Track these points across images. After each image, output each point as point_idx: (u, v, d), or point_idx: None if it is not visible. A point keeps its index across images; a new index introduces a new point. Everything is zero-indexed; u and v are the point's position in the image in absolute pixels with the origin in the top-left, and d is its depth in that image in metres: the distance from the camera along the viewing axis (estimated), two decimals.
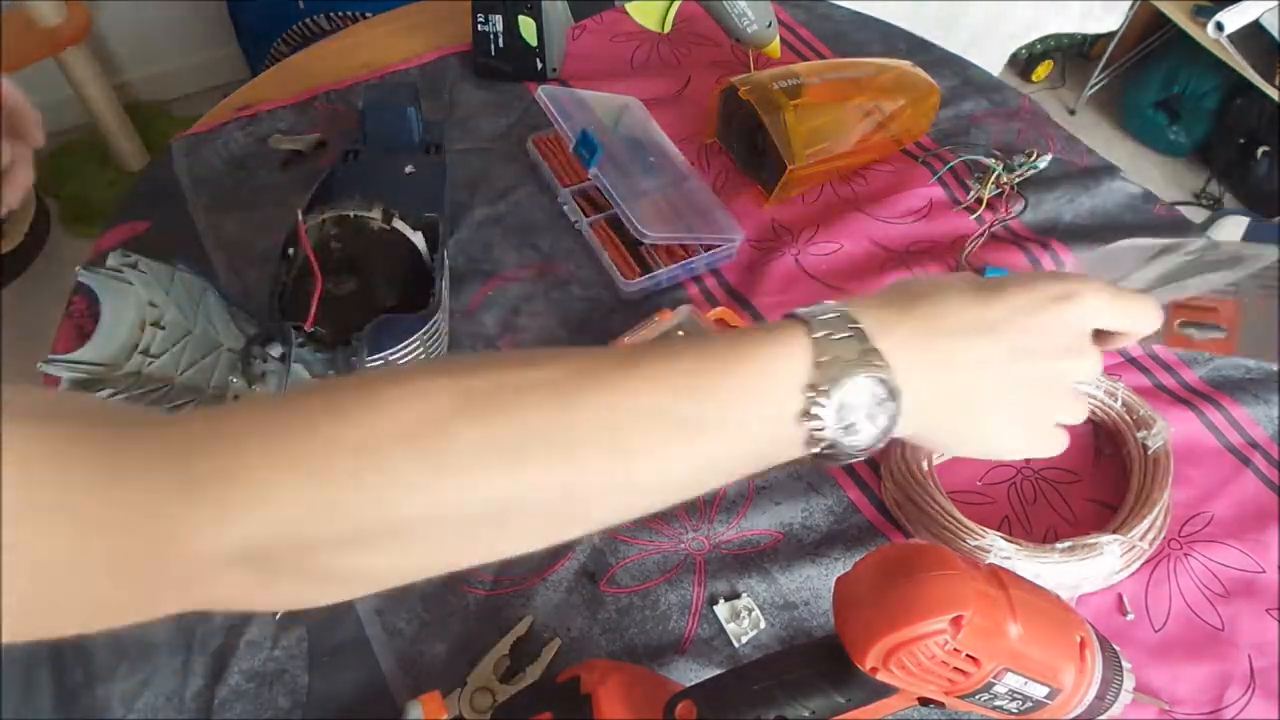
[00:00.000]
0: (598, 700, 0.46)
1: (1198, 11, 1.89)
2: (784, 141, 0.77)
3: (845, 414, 0.36)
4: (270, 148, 0.85)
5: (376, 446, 0.31)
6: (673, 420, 0.35)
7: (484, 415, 0.33)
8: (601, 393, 0.35)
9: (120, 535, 0.28)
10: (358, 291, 0.61)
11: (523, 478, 0.33)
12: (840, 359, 0.36)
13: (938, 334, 0.39)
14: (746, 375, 0.36)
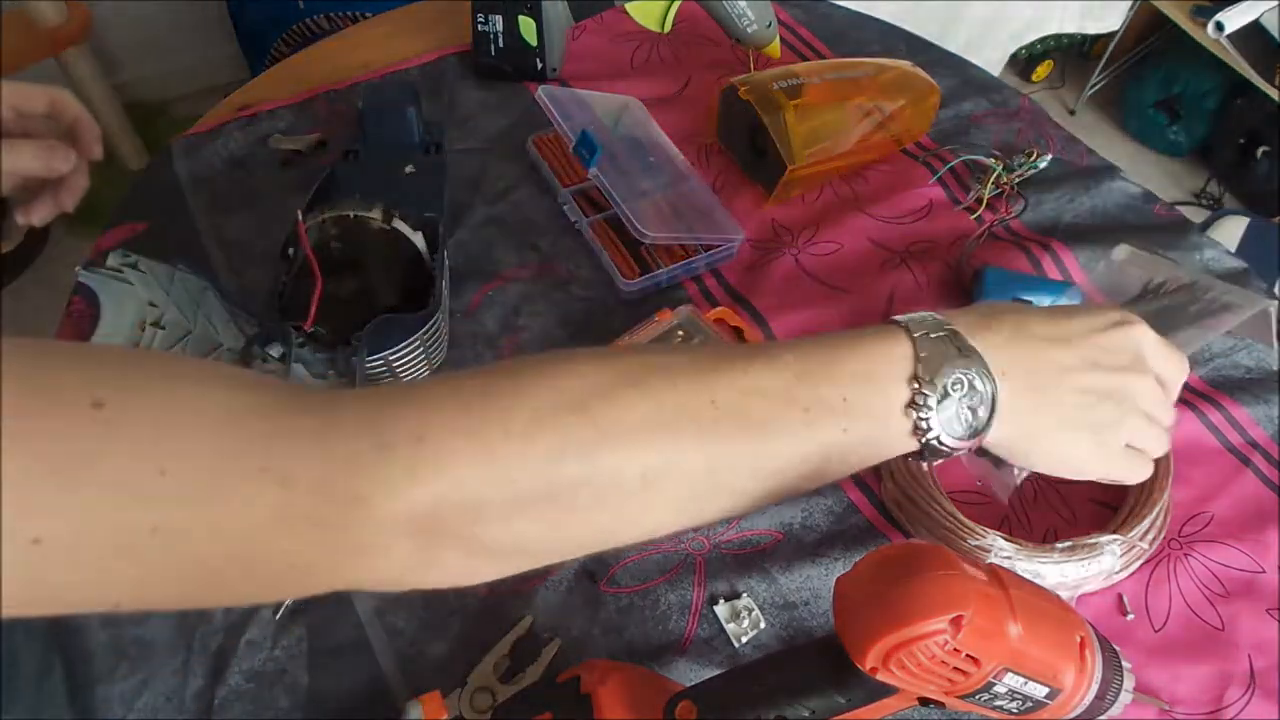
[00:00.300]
0: (598, 700, 0.46)
1: (1198, 11, 1.89)
2: (784, 141, 0.77)
3: (947, 405, 0.39)
4: (270, 148, 0.85)
5: (550, 415, 0.34)
6: (797, 401, 0.38)
7: (643, 388, 0.36)
8: (735, 374, 0.38)
9: (320, 495, 0.30)
10: (358, 291, 0.61)
11: (673, 449, 0.36)
12: (940, 354, 0.39)
13: (1025, 339, 0.42)
14: (857, 364, 0.39)
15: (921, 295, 0.76)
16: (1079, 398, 0.43)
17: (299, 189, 0.79)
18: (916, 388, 0.39)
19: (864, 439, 0.39)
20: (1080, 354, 0.43)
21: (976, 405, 0.40)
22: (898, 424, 0.39)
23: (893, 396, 0.39)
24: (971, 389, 0.39)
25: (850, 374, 0.39)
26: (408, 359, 0.64)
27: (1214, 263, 0.82)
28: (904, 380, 0.39)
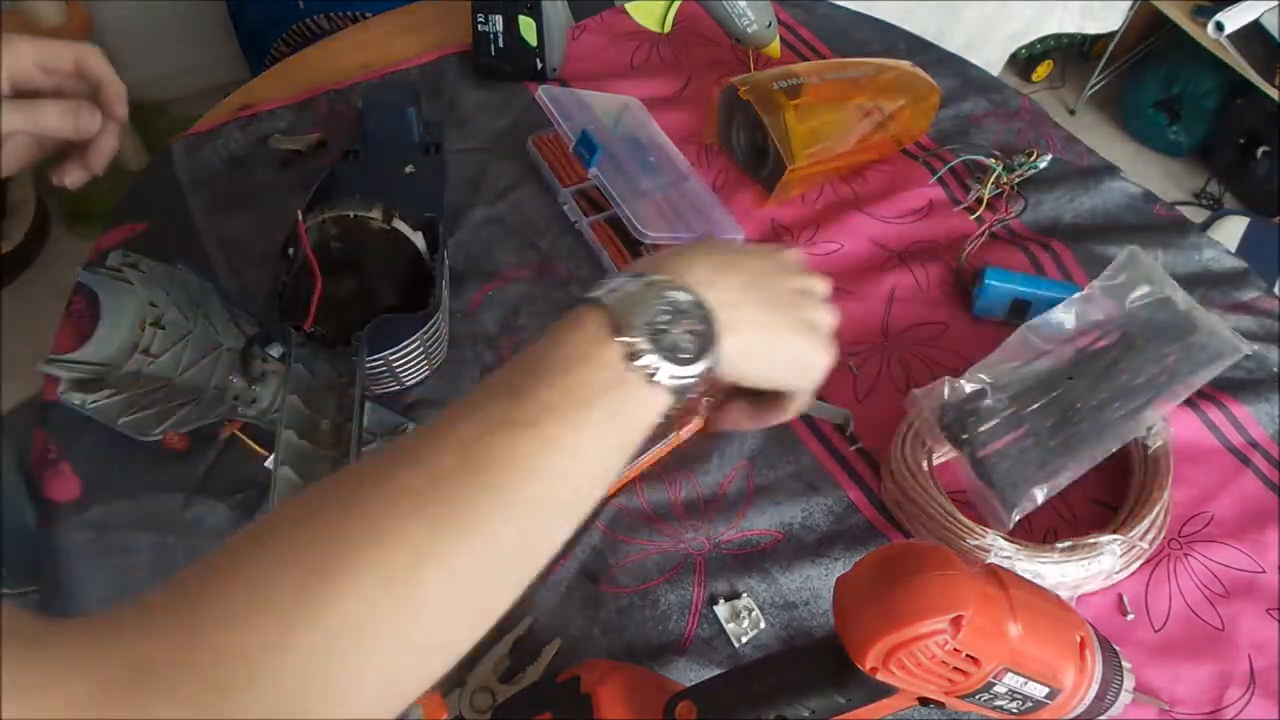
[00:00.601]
0: (598, 700, 0.46)
1: (1198, 11, 1.89)
2: (784, 141, 0.77)
3: (664, 340, 0.38)
4: (270, 148, 0.85)
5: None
6: (517, 422, 0.35)
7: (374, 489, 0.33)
8: (442, 434, 0.35)
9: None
10: (358, 291, 0.61)
11: (427, 537, 0.33)
12: (629, 298, 0.38)
13: (710, 255, 0.43)
14: (560, 353, 0.38)
15: (921, 295, 0.76)
16: (789, 294, 0.45)
17: (299, 189, 0.78)
18: (624, 339, 0.37)
19: (612, 416, 0.37)
20: (763, 263, 0.45)
21: (693, 325, 0.39)
22: (633, 384, 0.37)
23: (608, 360, 0.37)
24: (676, 309, 0.39)
25: (558, 368, 0.37)
26: (408, 359, 0.64)
27: (1214, 263, 0.82)
28: (608, 340, 0.37)
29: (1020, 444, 0.62)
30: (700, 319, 0.39)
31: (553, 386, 0.36)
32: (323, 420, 0.59)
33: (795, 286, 0.45)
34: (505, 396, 0.36)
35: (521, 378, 0.37)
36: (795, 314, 0.44)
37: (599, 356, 0.37)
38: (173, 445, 0.63)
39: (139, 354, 0.66)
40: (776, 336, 0.44)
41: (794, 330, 0.44)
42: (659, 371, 0.37)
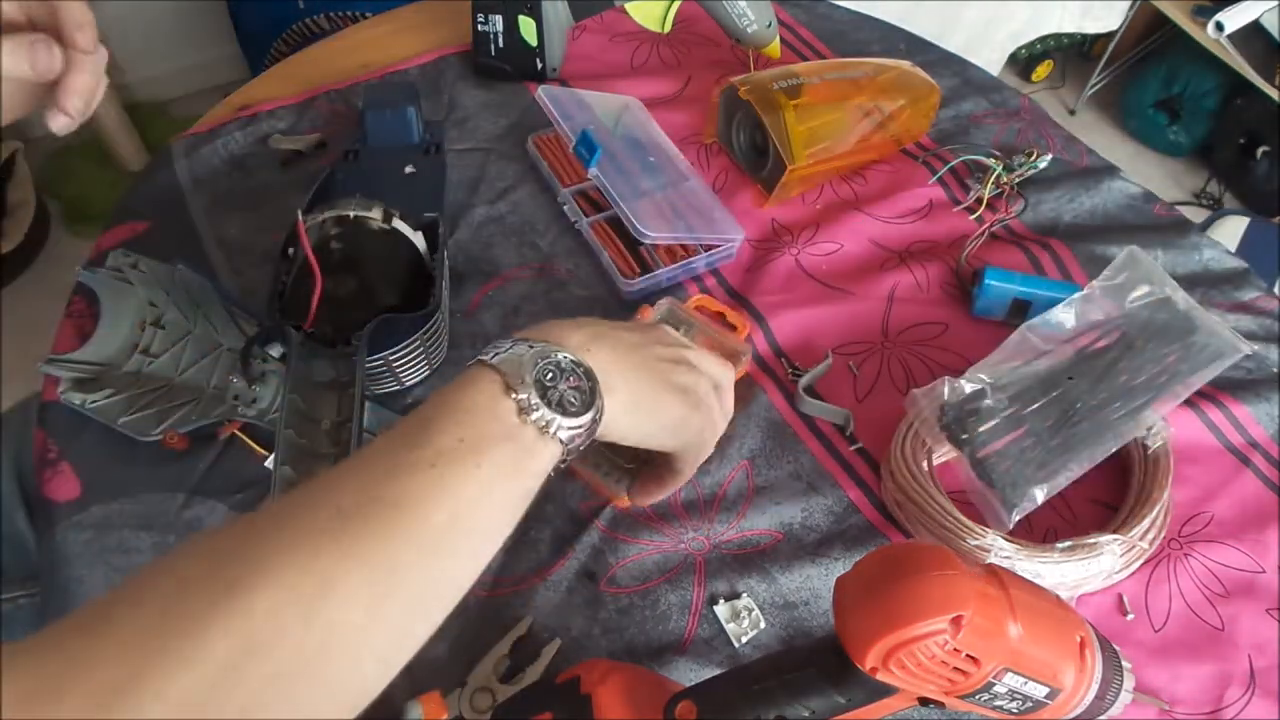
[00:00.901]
0: (598, 700, 0.46)
1: (1198, 11, 1.90)
2: (784, 141, 0.77)
3: (551, 395, 0.41)
4: (270, 148, 0.85)
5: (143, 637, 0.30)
6: (420, 463, 0.37)
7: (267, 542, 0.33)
8: (366, 468, 0.37)
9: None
10: (358, 291, 0.61)
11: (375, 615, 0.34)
12: (517, 359, 0.41)
13: (592, 326, 0.47)
14: (454, 407, 0.40)
15: (921, 295, 0.76)
16: (660, 364, 0.48)
17: (299, 189, 0.79)
18: (514, 395, 0.40)
19: (503, 465, 0.39)
20: (637, 335, 0.49)
21: (578, 382, 0.42)
22: (526, 436, 0.40)
23: (502, 414, 0.40)
24: (560, 370, 0.42)
25: (452, 418, 0.39)
26: (408, 359, 0.64)
27: (1214, 263, 0.82)
28: (501, 396, 0.40)
29: (1020, 444, 0.62)
30: (583, 376, 0.43)
31: (448, 434, 0.38)
32: (323, 420, 0.59)
33: (665, 355, 0.49)
34: (406, 443, 0.38)
35: (420, 428, 0.39)
36: (666, 378, 0.48)
37: (492, 410, 0.40)
38: (173, 445, 0.63)
39: (139, 354, 0.66)
40: (649, 397, 0.47)
41: (666, 391, 0.47)
42: (551, 424, 0.40)
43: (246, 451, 0.64)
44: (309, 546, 0.33)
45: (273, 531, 0.34)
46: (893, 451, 0.64)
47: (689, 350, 0.51)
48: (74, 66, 0.47)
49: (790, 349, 0.72)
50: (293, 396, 0.58)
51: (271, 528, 0.34)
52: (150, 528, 0.61)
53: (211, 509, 0.62)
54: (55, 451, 0.65)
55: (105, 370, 0.65)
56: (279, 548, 0.33)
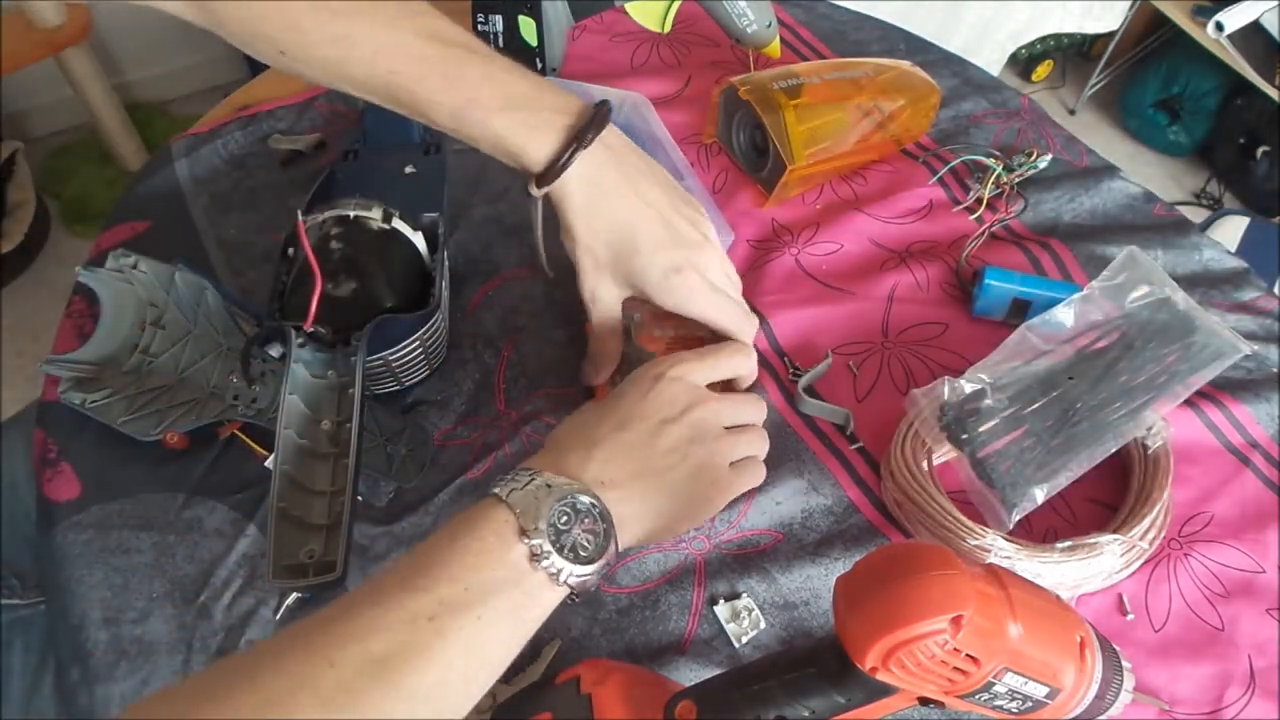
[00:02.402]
0: (598, 700, 0.46)
1: (1198, 11, 1.90)
2: (784, 141, 0.77)
3: (565, 540, 0.41)
4: (270, 148, 0.85)
5: None
6: (419, 615, 0.37)
7: (251, 682, 0.35)
8: (342, 625, 0.37)
9: None
10: (358, 291, 0.61)
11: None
12: (533, 498, 0.41)
13: (598, 445, 0.46)
14: (463, 547, 0.40)
15: (921, 295, 0.76)
16: (670, 459, 0.48)
17: (299, 189, 0.79)
18: (527, 540, 0.40)
19: (506, 613, 0.39)
20: (642, 427, 0.48)
21: (592, 525, 0.42)
22: (533, 581, 0.40)
23: (512, 559, 0.40)
24: (577, 512, 0.42)
25: (460, 561, 0.39)
26: (408, 359, 0.64)
27: (1214, 263, 0.82)
28: (515, 539, 0.40)
29: (1020, 444, 0.62)
30: (598, 518, 0.43)
31: (454, 581, 0.38)
32: (323, 420, 0.59)
33: (681, 439, 0.49)
34: (408, 588, 0.38)
35: (425, 570, 0.39)
36: (684, 477, 0.48)
37: (502, 554, 0.40)
38: (173, 445, 0.63)
39: (139, 354, 0.66)
40: (667, 513, 0.48)
41: (684, 496, 0.48)
42: (561, 572, 0.40)
43: (246, 451, 0.64)
44: (292, 703, 0.34)
45: (266, 676, 0.35)
46: (893, 451, 0.64)
47: (699, 410, 0.50)
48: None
49: (790, 349, 0.72)
50: (292, 396, 0.58)
51: (265, 672, 0.35)
52: (150, 528, 0.61)
53: (211, 509, 0.62)
54: (55, 451, 0.65)
55: (105, 370, 0.65)
56: (269, 698, 0.34)
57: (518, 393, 0.69)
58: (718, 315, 0.58)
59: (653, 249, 0.55)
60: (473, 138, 0.53)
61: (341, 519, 0.55)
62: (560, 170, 0.52)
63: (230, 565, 0.60)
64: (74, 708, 0.56)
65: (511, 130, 0.52)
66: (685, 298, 0.56)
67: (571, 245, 0.56)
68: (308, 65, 0.53)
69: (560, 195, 0.54)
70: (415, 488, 0.63)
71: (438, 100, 0.52)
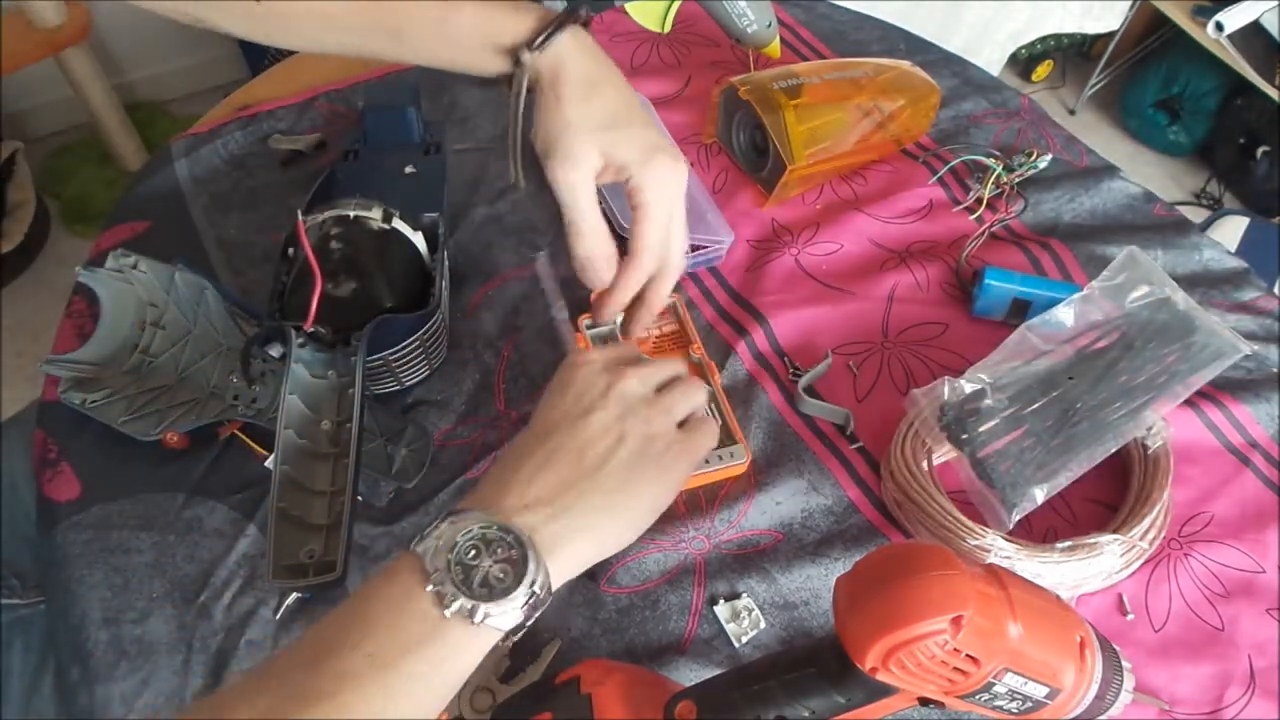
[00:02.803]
0: (598, 700, 0.46)
1: (1198, 11, 1.89)
2: (784, 141, 0.77)
3: (473, 575, 0.37)
4: (270, 148, 0.85)
5: None
6: (319, 693, 0.34)
7: None
8: (259, 699, 0.35)
9: None
10: (358, 291, 0.61)
11: None
12: (437, 539, 0.38)
13: (519, 467, 0.42)
14: (370, 605, 0.37)
15: (921, 295, 0.76)
16: (602, 447, 0.43)
17: (299, 189, 0.79)
18: (433, 586, 0.37)
19: (421, 673, 0.36)
20: (567, 422, 0.44)
21: (505, 553, 0.38)
22: (451, 632, 0.37)
23: (421, 611, 0.37)
24: (486, 543, 0.38)
25: (366, 627, 0.36)
26: (408, 359, 0.64)
27: (1214, 263, 0.82)
28: (417, 589, 0.37)
29: (1020, 444, 0.62)
30: (512, 544, 0.39)
31: (356, 650, 0.35)
32: (323, 420, 0.59)
33: (609, 420, 0.45)
34: (305, 666, 0.36)
35: (327, 643, 0.36)
36: (628, 459, 0.44)
37: (411, 608, 0.37)
38: (173, 445, 0.63)
39: (139, 354, 0.66)
40: (623, 508, 0.43)
41: (637, 481, 0.44)
42: (475, 612, 0.37)
43: (246, 451, 0.64)
44: None
45: None
46: (893, 451, 0.64)
47: (619, 385, 0.46)
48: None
49: (790, 349, 0.72)
50: (292, 396, 0.58)
51: None
52: (150, 528, 0.61)
53: (211, 509, 0.62)
54: (55, 451, 0.65)
55: (105, 370, 0.65)
56: None
57: (518, 393, 0.69)
58: (675, 225, 0.55)
59: (646, 126, 0.53)
60: (453, 33, 0.51)
61: (341, 519, 0.55)
62: (554, 33, 0.50)
63: (230, 565, 0.60)
64: (74, 708, 0.56)
65: (498, 11, 0.51)
66: (664, 181, 0.53)
67: (556, 110, 0.52)
68: (284, 16, 0.51)
69: (556, 64, 0.51)
70: (416, 488, 0.63)
71: (419, 14, 0.51)
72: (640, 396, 0.46)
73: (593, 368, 0.47)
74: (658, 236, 0.54)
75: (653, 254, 0.55)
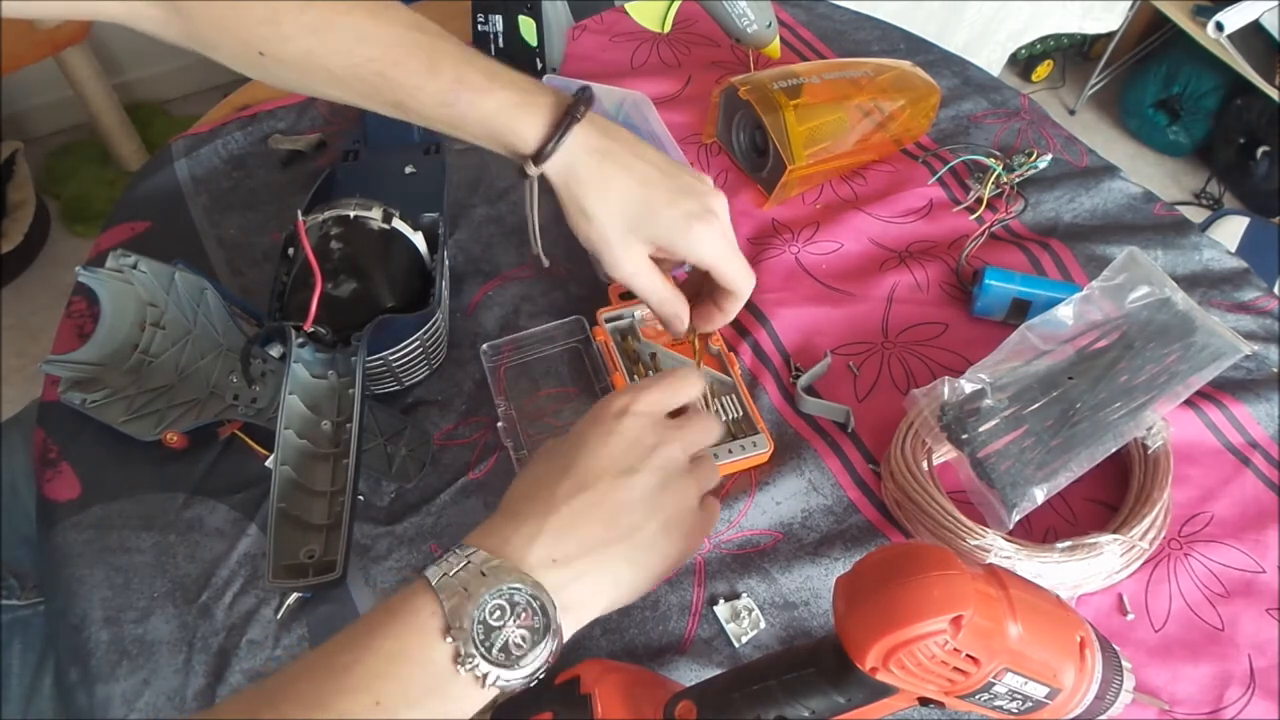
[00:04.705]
0: (598, 700, 0.46)
1: (1198, 11, 1.90)
2: (784, 141, 0.77)
3: (496, 639, 0.36)
4: (270, 148, 0.85)
5: None
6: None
7: None
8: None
9: None
10: (358, 291, 0.61)
11: None
12: (464, 590, 0.36)
13: (550, 512, 0.40)
14: (382, 642, 0.36)
15: (921, 295, 0.76)
16: (637, 515, 0.42)
17: (299, 189, 0.79)
18: (451, 640, 0.35)
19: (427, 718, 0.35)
20: (608, 478, 0.42)
21: (529, 619, 0.37)
22: (457, 685, 0.36)
23: (433, 663, 0.35)
24: (513, 605, 0.37)
25: (376, 669, 0.35)
26: (408, 359, 0.64)
27: (1214, 263, 0.82)
28: (437, 637, 0.36)
29: (1020, 444, 0.62)
30: (538, 611, 0.38)
31: (364, 693, 0.34)
32: (323, 420, 0.59)
33: (649, 488, 0.43)
34: (310, 704, 0.34)
35: (335, 678, 0.35)
36: (655, 532, 0.43)
37: (423, 655, 0.36)
38: (173, 445, 0.63)
39: (139, 354, 0.66)
40: (629, 581, 0.43)
41: (655, 554, 0.43)
42: (488, 676, 0.36)
43: (246, 451, 0.64)
44: None
45: None
46: (893, 451, 0.64)
47: (663, 449, 0.45)
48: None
49: (790, 349, 0.72)
50: (292, 396, 0.58)
51: None
52: (150, 528, 0.61)
53: (212, 509, 0.62)
54: (55, 451, 0.65)
55: (105, 370, 0.65)
56: None
57: (518, 393, 0.69)
58: (735, 261, 0.56)
59: (671, 201, 0.53)
60: (459, 121, 0.52)
61: (342, 519, 0.55)
62: (558, 142, 0.51)
63: (231, 565, 0.60)
64: (74, 708, 0.56)
65: (503, 110, 0.51)
66: (710, 242, 0.54)
67: (588, 223, 0.53)
68: (283, 62, 0.50)
69: (566, 172, 0.52)
70: (417, 488, 0.63)
71: (420, 85, 0.51)
72: (680, 467, 0.45)
73: (642, 422, 0.45)
74: (733, 270, 0.55)
75: (741, 282, 0.56)
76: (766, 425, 0.67)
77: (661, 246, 0.54)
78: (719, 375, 0.69)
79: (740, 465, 0.65)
